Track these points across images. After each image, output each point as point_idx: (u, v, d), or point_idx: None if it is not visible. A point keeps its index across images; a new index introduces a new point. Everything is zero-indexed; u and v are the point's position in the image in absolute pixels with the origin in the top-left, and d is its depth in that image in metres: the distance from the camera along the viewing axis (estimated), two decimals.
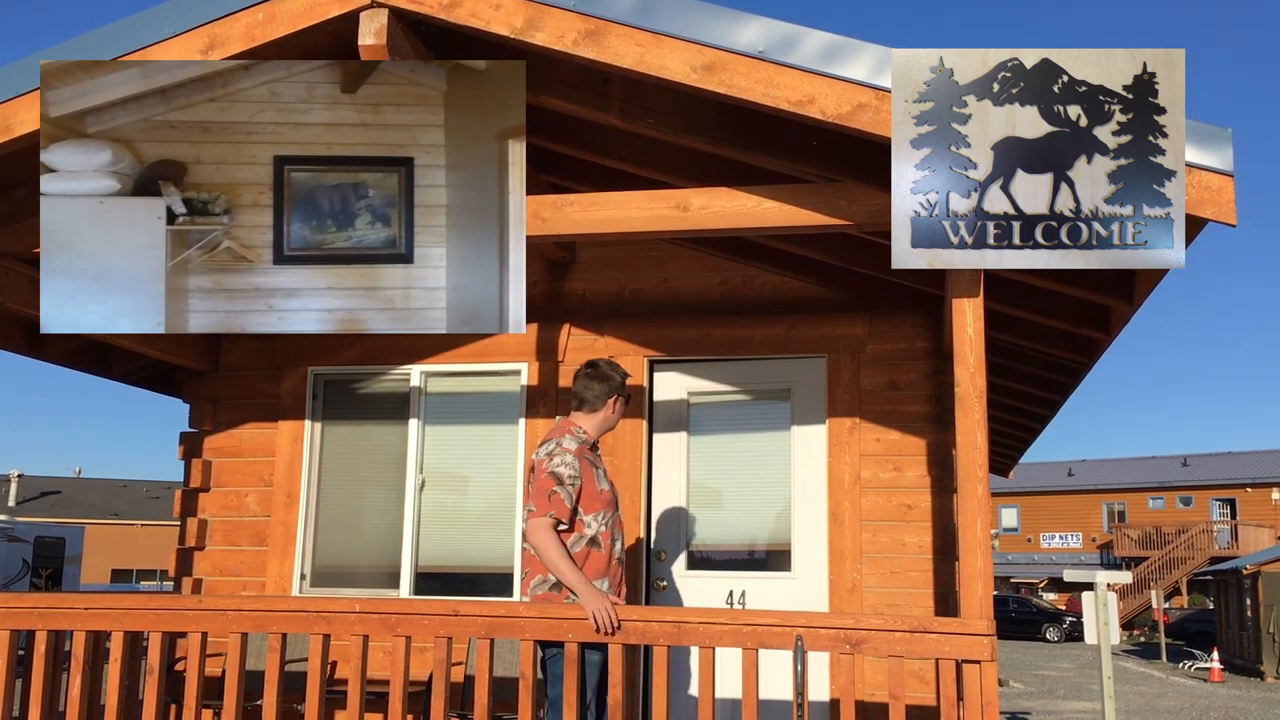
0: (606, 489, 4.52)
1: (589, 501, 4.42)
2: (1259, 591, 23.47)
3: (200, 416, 6.92)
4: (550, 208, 4.58)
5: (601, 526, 4.44)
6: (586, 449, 4.53)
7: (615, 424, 4.72)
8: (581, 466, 4.43)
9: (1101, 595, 9.40)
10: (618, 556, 4.48)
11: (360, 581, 6.60)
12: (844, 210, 4.33)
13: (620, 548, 4.52)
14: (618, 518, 4.55)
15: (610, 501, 4.51)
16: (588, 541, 4.41)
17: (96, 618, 4.47)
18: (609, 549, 4.45)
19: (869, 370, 6.07)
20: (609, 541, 4.46)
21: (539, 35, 4.12)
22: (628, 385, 4.72)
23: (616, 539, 4.50)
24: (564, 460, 4.39)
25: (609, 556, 4.44)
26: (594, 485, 4.45)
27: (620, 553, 4.51)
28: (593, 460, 4.53)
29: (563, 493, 4.35)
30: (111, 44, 4.40)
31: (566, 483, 4.36)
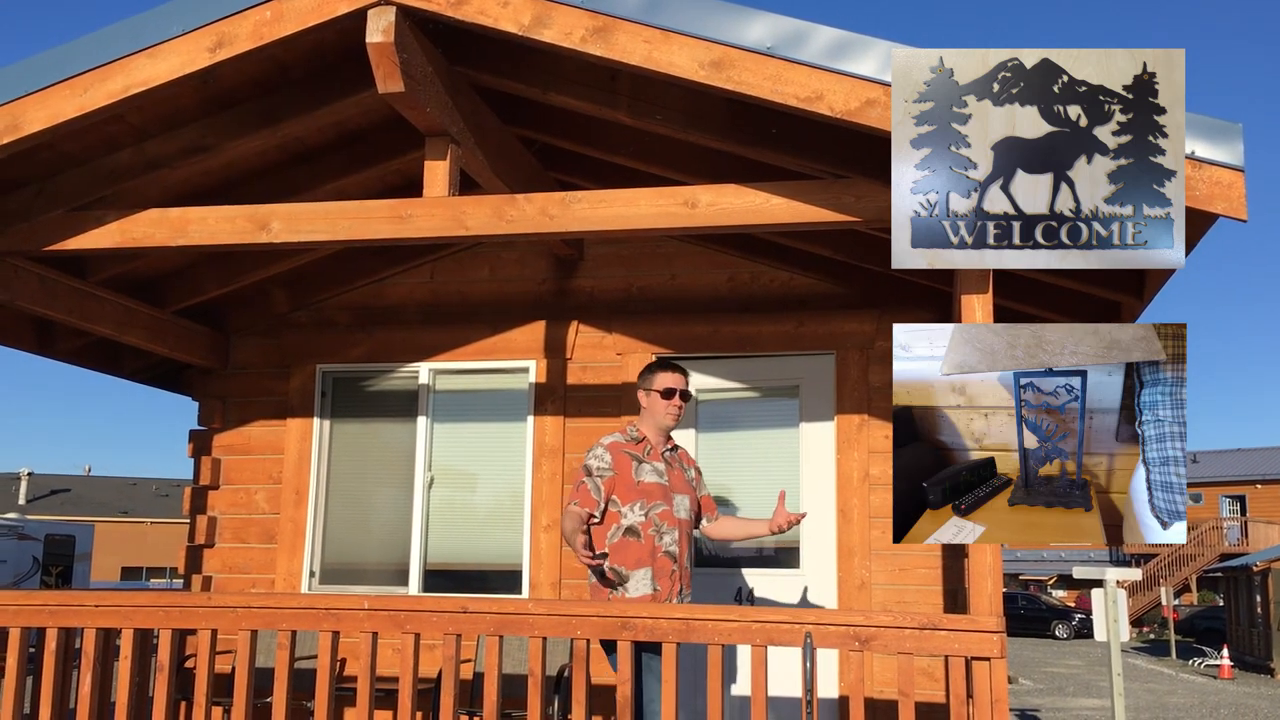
0: (651, 481, 4.52)
1: (624, 492, 4.50)
2: (1269, 588, 23.40)
3: (209, 414, 6.93)
4: (558, 205, 4.58)
5: (640, 517, 4.47)
6: (632, 444, 4.61)
7: (666, 419, 4.67)
8: (616, 460, 4.53)
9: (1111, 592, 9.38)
10: (666, 549, 4.48)
11: (369, 579, 6.61)
12: (852, 207, 4.32)
13: (671, 540, 4.50)
14: (667, 511, 4.52)
15: (653, 493, 4.51)
16: (625, 531, 4.49)
17: (106, 615, 4.48)
18: (650, 540, 4.46)
19: (878, 367, 6.06)
20: (650, 532, 4.47)
21: (547, 32, 4.12)
22: (664, 377, 4.67)
23: (664, 532, 4.49)
24: (595, 454, 4.57)
25: (652, 547, 4.46)
26: (630, 476, 4.51)
27: (671, 545, 4.50)
28: (636, 454, 4.57)
29: (589, 484, 4.50)
30: (121, 42, 4.40)
31: (595, 474, 4.52)
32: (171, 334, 6.46)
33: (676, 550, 4.52)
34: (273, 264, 6.46)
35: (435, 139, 4.60)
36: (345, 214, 4.74)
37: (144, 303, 6.25)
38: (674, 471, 4.66)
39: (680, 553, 4.53)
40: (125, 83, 4.40)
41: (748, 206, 4.41)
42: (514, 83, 4.82)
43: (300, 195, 5.65)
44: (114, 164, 5.02)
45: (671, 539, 4.51)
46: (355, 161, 5.67)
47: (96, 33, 4.48)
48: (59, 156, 4.94)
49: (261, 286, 6.85)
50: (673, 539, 4.52)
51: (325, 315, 6.91)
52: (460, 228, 4.63)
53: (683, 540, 4.56)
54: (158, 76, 4.37)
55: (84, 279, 5.82)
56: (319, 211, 4.76)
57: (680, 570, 4.53)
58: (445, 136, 4.58)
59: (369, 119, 5.40)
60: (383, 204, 4.73)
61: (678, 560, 4.52)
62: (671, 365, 4.75)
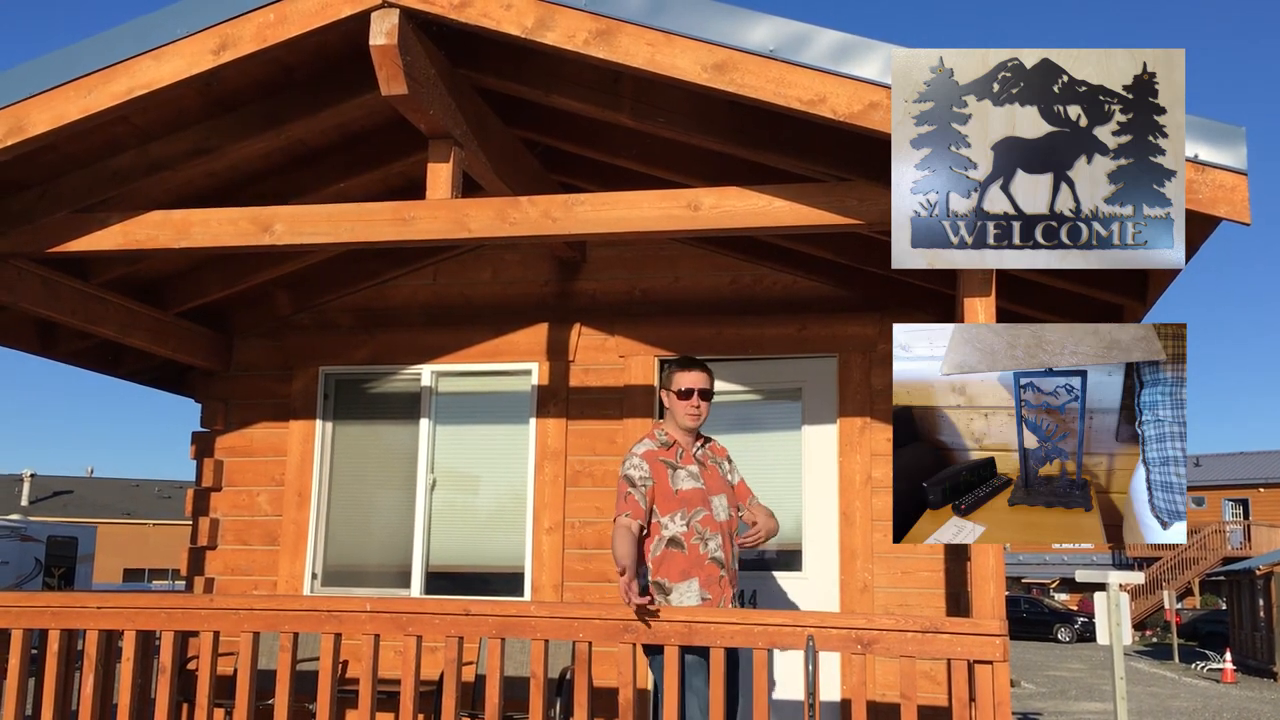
0: (689, 488, 4.41)
1: (664, 502, 4.40)
2: (1271, 592, 23.37)
3: (212, 416, 6.94)
4: (561, 207, 4.58)
5: (682, 526, 4.36)
6: (664, 450, 4.49)
7: (685, 419, 4.50)
8: (652, 468, 4.43)
9: (1114, 596, 9.37)
10: (712, 556, 4.35)
11: (371, 581, 6.61)
12: (854, 210, 4.32)
13: (716, 546, 4.37)
14: (708, 516, 4.39)
15: (692, 500, 4.39)
16: (667, 543, 4.38)
17: (109, 617, 4.48)
18: (695, 549, 4.35)
19: (880, 370, 6.06)
20: (694, 541, 4.35)
21: (550, 35, 4.12)
22: (682, 377, 4.51)
23: (707, 538, 4.36)
24: (632, 464, 4.44)
25: (696, 556, 4.34)
26: (667, 485, 4.41)
27: (716, 551, 4.37)
28: (670, 461, 4.46)
29: (636, 494, 4.38)
30: (125, 44, 4.41)
31: (638, 484, 4.40)
32: (174, 336, 6.47)
33: (722, 555, 4.39)
34: (276, 266, 6.47)
35: (438, 141, 4.60)
36: (348, 216, 4.74)
37: (147, 304, 6.26)
38: (709, 471, 4.53)
39: (726, 557, 4.40)
40: (129, 84, 4.41)
41: (750, 209, 4.41)
42: (517, 85, 4.83)
43: (303, 197, 5.66)
44: (117, 166, 5.03)
45: (716, 544, 4.38)
46: (358, 163, 5.67)
47: (101, 35, 4.49)
48: (62, 158, 4.94)
49: (264, 288, 6.86)
50: (717, 544, 4.38)
51: (328, 317, 6.91)
52: (463, 230, 4.63)
53: (726, 543, 4.42)
54: (162, 78, 4.38)
55: (87, 281, 5.82)
56: (322, 214, 4.77)
57: (729, 574, 4.41)
58: (448, 139, 4.58)
59: (372, 121, 5.40)
60: (385, 206, 4.73)
61: (725, 565, 4.39)
62: (691, 363, 4.60)
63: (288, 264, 6.50)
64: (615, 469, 6.29)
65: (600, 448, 6.35)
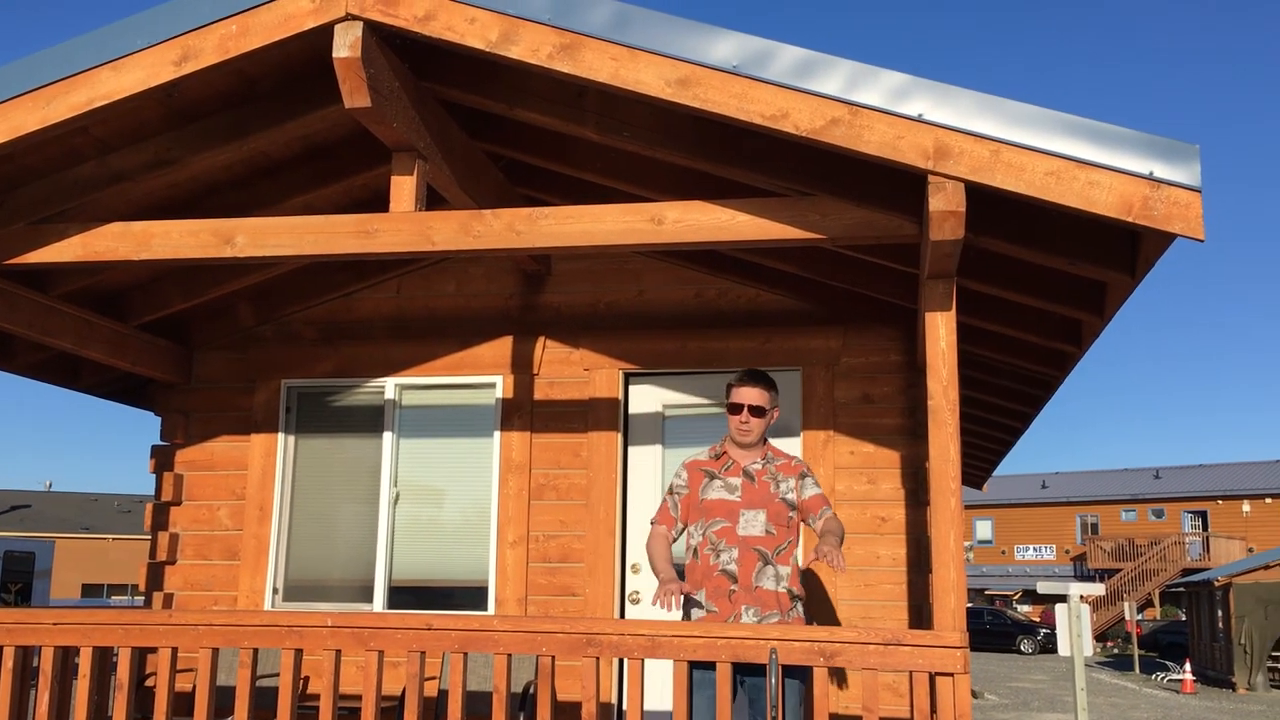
0: (715, 498, 4.38)
1: (692, 511, 4.43)
2: (1230, 603, 23.64)
3: (172, 429, 6.87)
4: (525, 220, 4.58)
5: (699, 536, 4.38)
6: (711, 461, 4.49)
7: (736, 435, 4.45)
8: (691, 477, 4.48)
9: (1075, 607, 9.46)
10: (723, 568, 4.30)
11: (333, 595, 6.56)
12: (818, 224, 4.35)
13: (729, 559, 4.30)
14: (728, 528, 4.33)
15: (713, 510, 4.36)
16: (691, 552, 4.42)
17: (65, 633, 4.42)
18: (706, 559, 4.33)
19: (843, 383, 6.10)
20: (706, 551, 4.34)
21: (514, 49, 4.12)
22: (735, 392, 4.46)
23: (721, 550, 4.31)
24: (676, 472, 4.56)
25: (707, 567, 4.33)
26: (696, 495, 4.43)
27: (729, 564, 4.30)
28: (711, 470, 4.45)
29: (669, 500, 4.51)
30: (85, 54, 4.37)
31: (674, 492, 4.51)
32: (134, 348, 6.40)
33: (735, 569, 4.29)
34: (238, 278, 6.43)
35: (402, 154, 4.59)
36: (310, 229, 4.72)
37: (107, 317, 6.19)
38: (756, 486, 4.40)
39: (744, 571, 4.28)
40: (89, 95, 4.37)
41: (714, 223, 4.43)
42: (481, 98, 4.83)
43: (266, 209, 5.63)
44: (77, 177, 4.98)
45: (730, 557, 4.30)
46: (322, 176, 5.65)
47: (60, 45, 4.44)
48: (20, 169, 4.89)
49: (226, 301, 6.81)
50: (730, 557, 4.30)
51: (291, 330, 6.87)
52: (427, 243, 4.62)
53: (746, 558, 4.30)
54: (122, 89, 4.35)
55: (45, 292, 5.75)
56: (284, 226, 4.74)
57: (743, 590, 4.28)
58: (412, 152, 4.58)
59: (336, 134, 5.39)
60: (349, 219, 4.71)
61: (738, 580, 4.29)
62: (746, 378, 4.48)
63: (250, 276, 6.46)
64: (579, 482, 6.31)
65: (565, 461, 6.35)
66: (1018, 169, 3.75)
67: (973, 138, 3.79)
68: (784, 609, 4.33)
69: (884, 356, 6.09)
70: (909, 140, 3.84)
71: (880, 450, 5.99)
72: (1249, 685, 23.05)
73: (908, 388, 6.02)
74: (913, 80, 3.84)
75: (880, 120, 3.86)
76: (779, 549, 4.36)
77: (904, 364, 6.05)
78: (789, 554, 4.39)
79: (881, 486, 5.94)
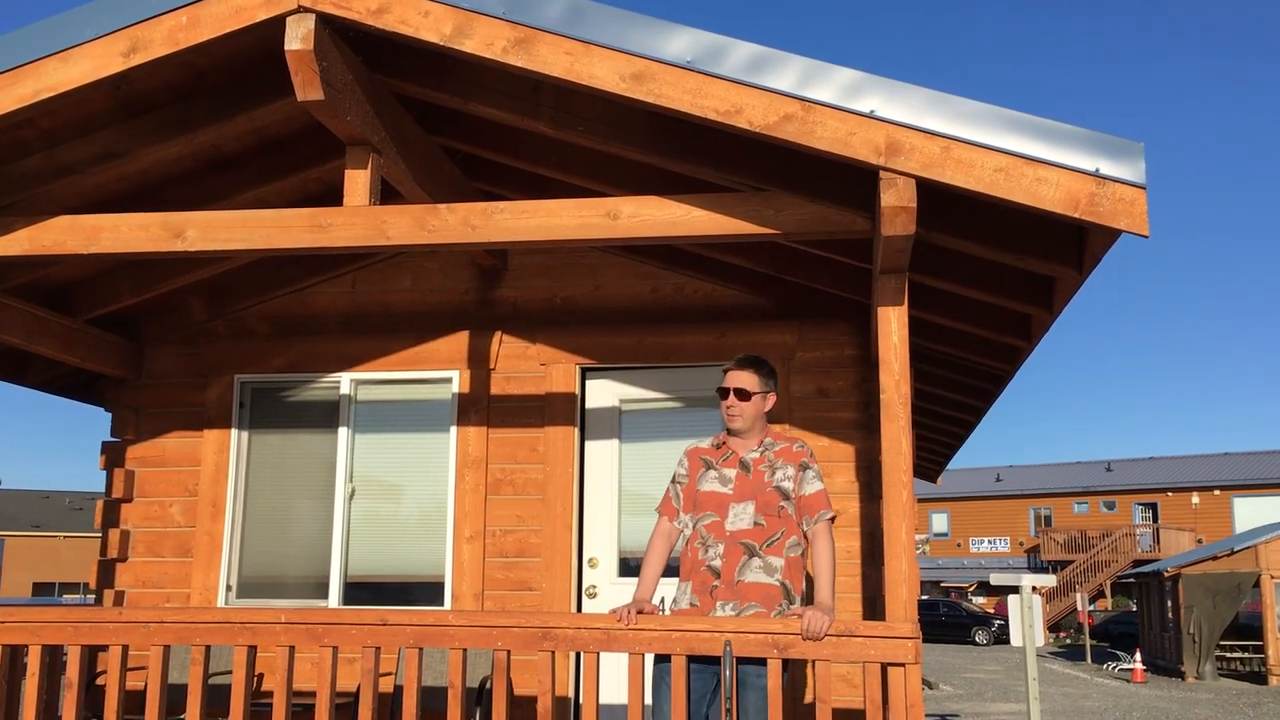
0: (709, 490, 4.30)
1: (688, 501, 4.37)
2: (1179, 594, 24.04)
3: (123, 425, 6.79)
4: (480, 215, 4.57)
5: (691, 528, 4.31)
6: (711, 449, 4.41)
7: (726, 419, 4.34)
8: (690, 465, 4.42)
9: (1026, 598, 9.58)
10: (709, 564, 4.20)
11: (289, 592, 6.52)
12: (772, 220, 4.38)
13: (715, 554, 4.20)
14: (717, 523, 4.24)
15: (705, 503, 4.29)
16: (686, 542, 4.35)
17: (12, 631, 4.37)
18: (695, 553, 4.26)
19: (798, 377, 6.14)
20: (696, 544, 4.26)
21: (468, 43, 4.12)
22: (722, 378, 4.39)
23: (709, 545, 4.22)
24: (679, 460, 4.50)
25: (695, 560, 4.25)
26: (693, 485, 4.37)
27: (714, 559, 4.19)
28: (709, 460, 4.37)
29: (671, 490, 4.46)
30: (32, 45, 4.31)
31: (676, 481, 4.46)
32: (83, 343, 6.32)
33: (720, 565, 4.18)
34: (189, 272, 6.36)
35: (356, 148, 4.57)
36: (263, 222, 4.68)
37: (55, 311, 6.10)
38: (750, 477, 4.29)
39: (727, 566, 4.17)
40: (35, 87, 4.31)
41: (669, 218, 4.45)
42: (436, 92, 4.81)
43: (219, 203, 5.58)
44: (23, 169, 4.90)
45: (715, 553, 4.21)
46: (275, 169, 5.61)
47: (6, 35, 4.38)
48: None
49: (178, 295, 6.74)
50: (716, 553, 4.20)
51: (244, 325, 6.81)
52: (381, 237, 4.60)
53: (732, 552, 4.19)
54: (69, 81, 4.29)
55: None
56: (235, 220, 4.70)
57: (724, 586, 4.16)
58: (366, 145, 4.55)
59: (289, 127, 5.34)
60: (301, 213, 4.68)
61: (721, 575, 4.17)
62: (736, 362, 4.38)
63: (202, 270, 6.40)
64: (536, 477, 6.31)
65: (521, 455, 6.35)
66: (967, 165, 3.79)
67: (923, 134, 3.83)
68: (772, 602, 4.14)
69: (838, 351, 6.14)
70: (861, 136, 3.87)
71: (835, 444, 6.04)
72: (1198, 674, 23.47)
73: (862, 382, 6.07)
74: (865, 77, 3.88)
75: (832, 116, 3.89)
76: (769, 540, 4.20)
77: (858, 358, 6.10)
78: (782, 544, 4.21)
79: (836, 480, 5.99)
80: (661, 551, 4.37)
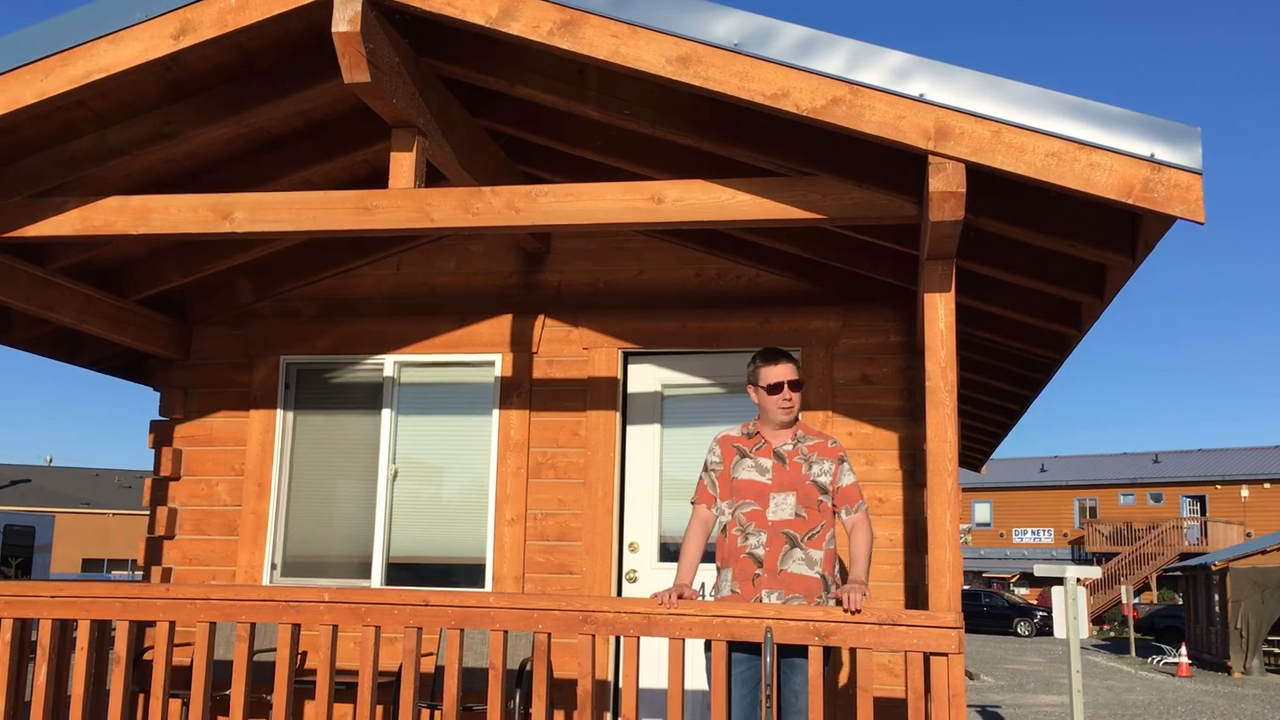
0: (746, 478, 4.35)
1: (723, 488, 4.43)
2: (1227, 588, 23.70)
3: (171, 405, 6.87)
4: (525, 198, 4.57)
5: (729, 515, 4.37)
6: (744, 439, 4.46)
7: (779, 414, 4.39)
8: (724, 452, 4.47)
9: (1071, 590, 9.49)
10: (750, 551, 4.27)
11: (332, 572, 6.58)
12: (818, 204, 4.34)
13: (757, 543, 4.27)
14: (758, 511, 4.30)
15: (743, 491, 4.34)
16: (722, 528, 4.43)
17: (63, 606, 4.44)
18: (734, 539, 4.32)
19: (842, 364, 6.10)
20: (735, 531, 4.32)
21: (514, 25, 4.11)
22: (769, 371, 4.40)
23: (750, 533, 4.29)
24: (710, 448, 4.54)
25: (735, 547, 4.32)
26: (728, 472, 4.42)
27: (756, 548, 4.27)
28: (743, 448, 4.43)
29: (705, 479, 4.50)
30: (83, 27, 4.35)
31: (709, 469, 4.50)
32: (133, 323, 6.40)
33: (762, 554, 4.26)
34: (237, 254, 6.42)
35: (402, 130, 4.58)
36: (309, 204, 4.71)
37: (105, 291, 6.19)
38: (787, 467, 4.36)
39: (770, 555, 4.25)
40: (87, 68, 4.36)
41: (714, 202, 4.42)
42: (482, 75, 4.81)
43: (266, 185, 5.62)
44: (75, 150, 4.96)
45: (758, 541, 4.27)
46: (321, 151, 5.63)
47: (58, 17, 4.43)
48: (18, 142, 4.88)
49: (225, 276, 6.80)
50: (759, 541, 4.27)
51: (290, 306, 6.87)
52: (426, 220, 4.61)
53: (775, 542, 4.26)
54: (120, 63, 4.33)
55: (43, 266, 5.75)
56: (283, 201, 4.73)
57: (768, 575, 4.24)
58: (412, 128, 4.56)
59: (336, 109, 5.37)
60: (347, 195, 4.70)
61: (764, 564, 4.25)
62: (776, 355, 4.45)
63: (249, 252, 6.45)
64: (578, 461, 6.32)
65: (563, 439, 6.35)
66: (1018, 150, 3.74)
67: (974, 118, 3.78)
68: (813, 593, 4.25)
69: (883, 337, 6.09)
70: (910, 120, 3.82)
71: (878, 431, 6.00)
72: (1244, 669, 23.15)
73: (906, 369, 6.02)
74: (914, 60, 3.83)
75: (881, 100, 3.85)
76: (811, 532, 4.31)
77: (903, 345, 6.04)
78: (822, 538, 4.32)
79: (879, 467, 5.95)
80: (700, 537, 4.42)
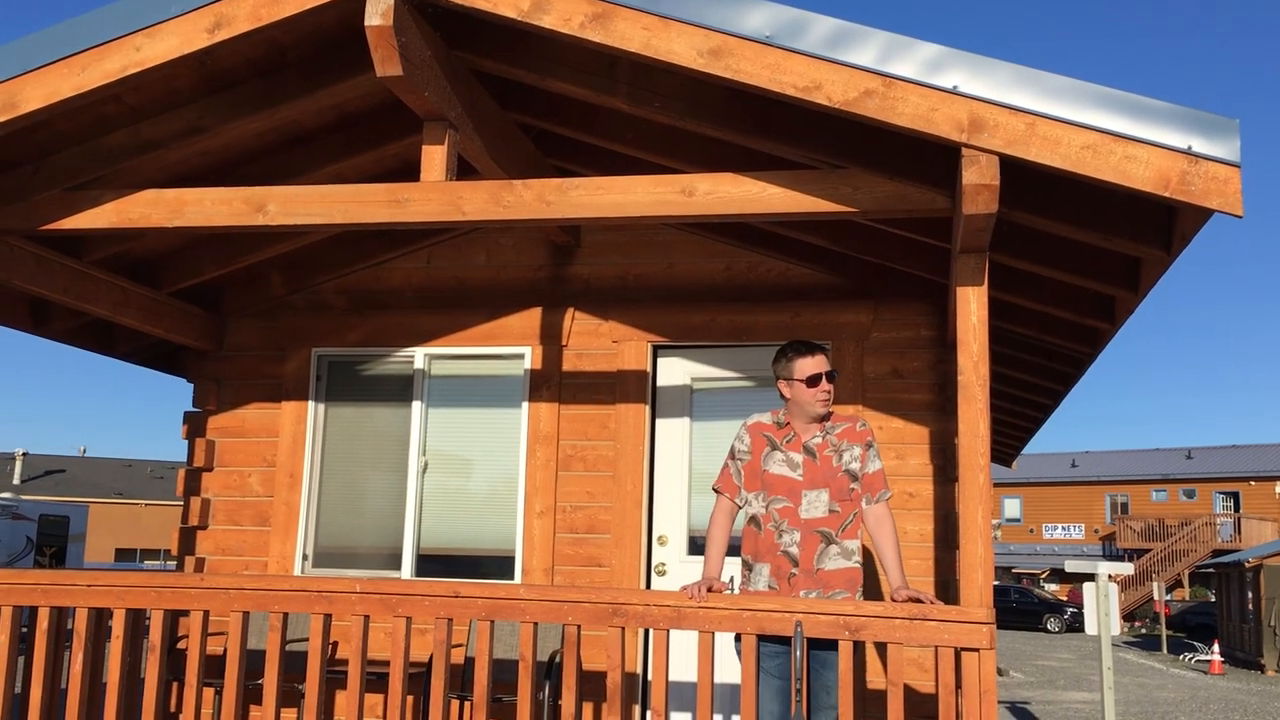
0: (777, 473, 4.28)
1: (750, 479, 4.35)
2: (1261, 585, 23.47)
3: (204, 396, 6.94)
4: (555, 191, 4.58)
5: (761, 508, 4.29)
6: (774, 428, 4.37)
7: (816, 407, 4.29)
8: (753, 440, 4.38)
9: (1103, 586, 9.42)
10: (785, 549, 4.20)
11: (362, 563, 6.62)
12: (849, 197, 4.32)
13: (791, 541, 4.20)
14: (790, 509, 4.23)
15: (775, 486, 4.27)
16: (749, 519, 4.35)
17: (99, 595, 4.49)
18: (770, 535, 4.25)
19: (873, 358, 6.07)
20: (770, 527, 4.24)
21: (546, 18, 4.11)
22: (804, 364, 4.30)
23: (784, 531, 4.22)
24: (738, 435, 4.45)
25: (771, 543, 4.24)
26: (757, 463, 4.33)
27: (790, 546, 4.20)
28: (773, 439, 4.34)
29: (731, 466, 4.43)
30: (119, 21, 4.38)
31: (736, 456, 4.42)
32: (167, 315, 6.46)
33: (797, 552, 4.20)
34: (269, 246, 6.46)
35: (433, 124, 4.59)
36: (341, 197, 4.73)
37: (140, 283, 6.25)
38: (817, 463, 4.28)
39: (805, 555, 4.19)
40: (123, 63, 4.39)
41: (745, 195, 4.41)
42: (513, 68, 4.81)
43: (298, 178, 5.65)
44: (110, 144, 5.01)
45: (791, 539, 4.21)
46: (353, 145, 5.66)
47: (95, 11, 4.46)
48: (55, 135, 4.93)
49: (258, 269, 6.85)
50: (793, 539, 4.21)
51: (322, 299, 6.91)
52: (457, 213, 4.62)
53: (809, 541, 4.20)
54: (155, 57, 4.36)
55: (79, 259, 5.81)
56: (315, 194, 4.76)
57: (803, 574, 4.19)
58: (443, 121, 4.57)
59: (367, 103, 5.39)
60: (379, 188, 4.72)
61: (799, 563, 4.19)
62: (809, 348, 4.34)
63: (282, 244, 6.49)
64: (607, 454, 6.33)
65: (592, 432, 6.36)
66: (1053, 142, 3.70)
67: (1008, 110, 3.75)
68: (855, 585, 4.21)
69: (914, 331, 6.05)
70: (943, 113, 3.80)
71: (909, 425, 5.97)
72: (1278, 667, 22.91)
73: (937, 363, 5.98)
74: (948, 52, 3.80)
75: (914, 92, 3.82)
76: (844, 525, 4.25)
77: (934, 339, 6.01)
78: (855, 527, 4.27)
79: (910, 462, 5.92)
80: (725, 528, 4.39)
